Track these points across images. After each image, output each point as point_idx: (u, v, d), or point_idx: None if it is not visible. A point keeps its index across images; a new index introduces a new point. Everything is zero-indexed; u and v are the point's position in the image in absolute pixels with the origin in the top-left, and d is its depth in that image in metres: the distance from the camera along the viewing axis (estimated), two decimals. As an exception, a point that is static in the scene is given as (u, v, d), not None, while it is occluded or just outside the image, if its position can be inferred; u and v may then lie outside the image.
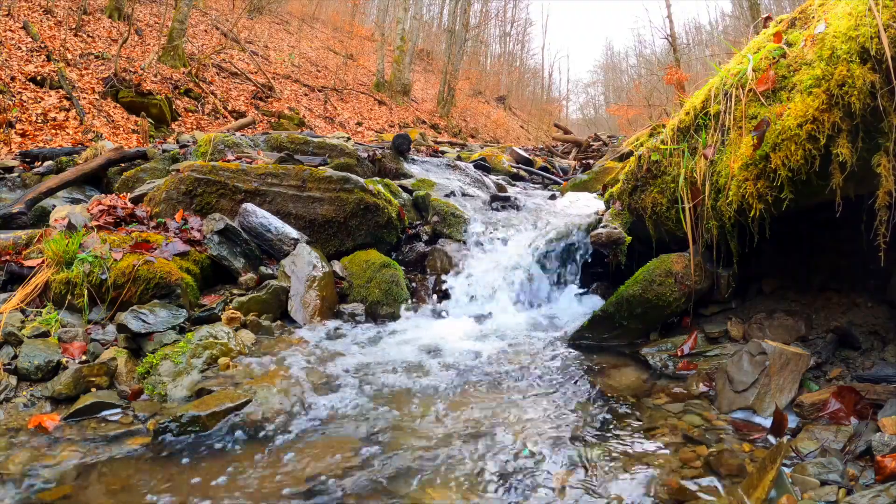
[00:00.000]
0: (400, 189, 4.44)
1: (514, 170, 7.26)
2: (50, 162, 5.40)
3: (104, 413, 1.98)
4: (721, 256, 2.57)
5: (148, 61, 10.91)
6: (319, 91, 16.21)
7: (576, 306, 3.38)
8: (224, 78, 13.23)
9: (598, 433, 1.91)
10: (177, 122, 9.93)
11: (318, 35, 23.89)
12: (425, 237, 3.88)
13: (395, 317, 3.16)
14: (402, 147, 5.74)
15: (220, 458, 1.74)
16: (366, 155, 5.42)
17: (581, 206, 4.30)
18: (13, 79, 8.21)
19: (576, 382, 2.33)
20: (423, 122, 18.61)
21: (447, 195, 4.47)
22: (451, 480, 1.63)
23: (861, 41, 1.77)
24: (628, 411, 2.07)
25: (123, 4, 12.76)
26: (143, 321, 2.40)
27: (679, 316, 2.71)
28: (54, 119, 7.83)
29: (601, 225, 3.33)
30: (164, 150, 5.20)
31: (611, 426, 1.97)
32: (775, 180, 2.07)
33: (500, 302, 3.34)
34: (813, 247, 2.65)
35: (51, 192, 4.22)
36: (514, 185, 6.20)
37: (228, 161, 4.20)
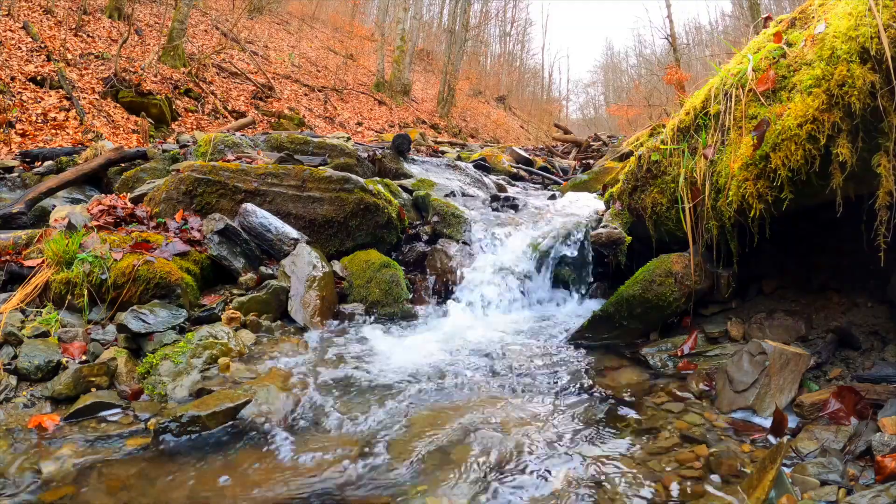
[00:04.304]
0: (400, 189, 4.43)
1: (514, 170, 7.27)
2: (50, 162, 5.40)
3: (104, 413, 1.98)
4: (721, 256, 2.57)
5: (148, 61, 10.91)
6: (319, 91, 16.21)
7: (575, 306, 3.38)
8: (224, 78, 13.23)
9: (597, 433, 1.91)
10: (177, 122, 9.93)
11: (318, 35, 23.89)
12: (425, 237, 3.88)
13: (394, 317, 3.16)
14: (402, 147, 5.74)
15: (221, 459, 1.74)
16: (366, 155, 5.42)
17: (581, 206, 4.29)
18: (13, 79, 8.21)
19: (575, 382, 2.33)
20: (423, 122, 18.61)
21: (447, 195, 4.47)
22: (451, 482, 1.63)
23: (861, 41, 1.78)
24: (628, 411, 2.07)
25: (123, 4, 12.75)
26: (143, 321, 2.40)
27: (679, 316, 2.71)
28: (54, 119, 7.83)
29: (601, 225, 3.33)
30: (164, 150, 5.20)
31: (610, 426, 1.97)
32: (775, 180, 2.07)
33: (499, 302, 3.34)
34: (813, 247, 2.65)
35: (51, 192, 4.22)
36: (513, 185, 6.20)
37: (228, 161, 4.20)
